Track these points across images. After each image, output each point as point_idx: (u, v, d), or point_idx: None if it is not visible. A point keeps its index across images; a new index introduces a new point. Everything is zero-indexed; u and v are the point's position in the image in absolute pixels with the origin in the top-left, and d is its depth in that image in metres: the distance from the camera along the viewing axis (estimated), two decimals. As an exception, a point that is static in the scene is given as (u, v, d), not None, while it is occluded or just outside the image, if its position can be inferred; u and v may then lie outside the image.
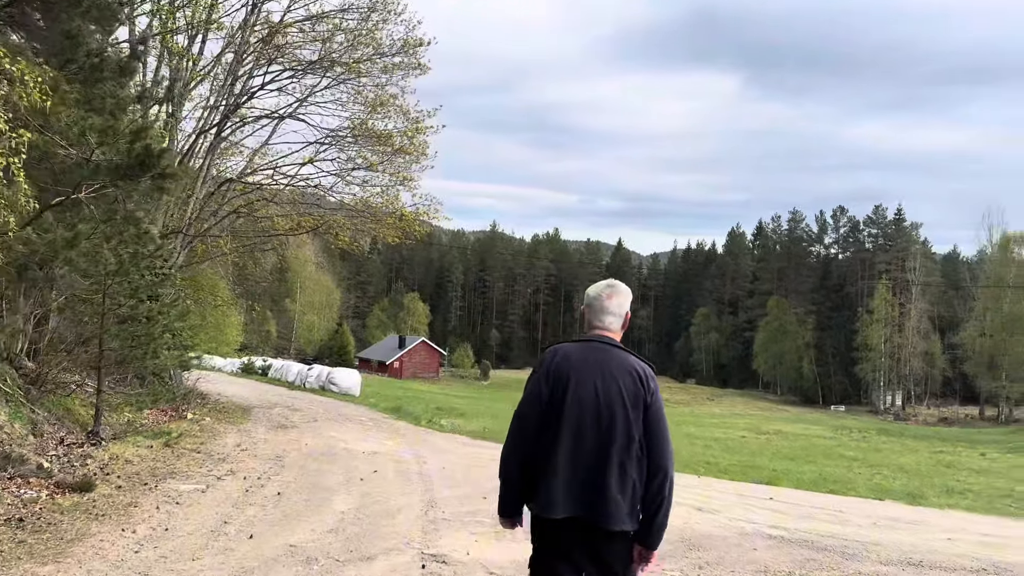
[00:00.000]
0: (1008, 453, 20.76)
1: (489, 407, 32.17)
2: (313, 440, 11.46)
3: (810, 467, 15.89)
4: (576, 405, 2.88)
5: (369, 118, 18.69)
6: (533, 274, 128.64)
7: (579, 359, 2.98)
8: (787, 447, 20.75)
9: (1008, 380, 63.94)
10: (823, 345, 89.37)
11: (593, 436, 2.86)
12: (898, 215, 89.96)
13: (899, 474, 15.63)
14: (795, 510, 8.68)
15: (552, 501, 2.84)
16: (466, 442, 13.36)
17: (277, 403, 20.30)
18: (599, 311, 3.11)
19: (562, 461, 2.85)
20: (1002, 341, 64.81)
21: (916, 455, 20.09)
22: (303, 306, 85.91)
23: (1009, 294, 65.05)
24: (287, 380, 30.84)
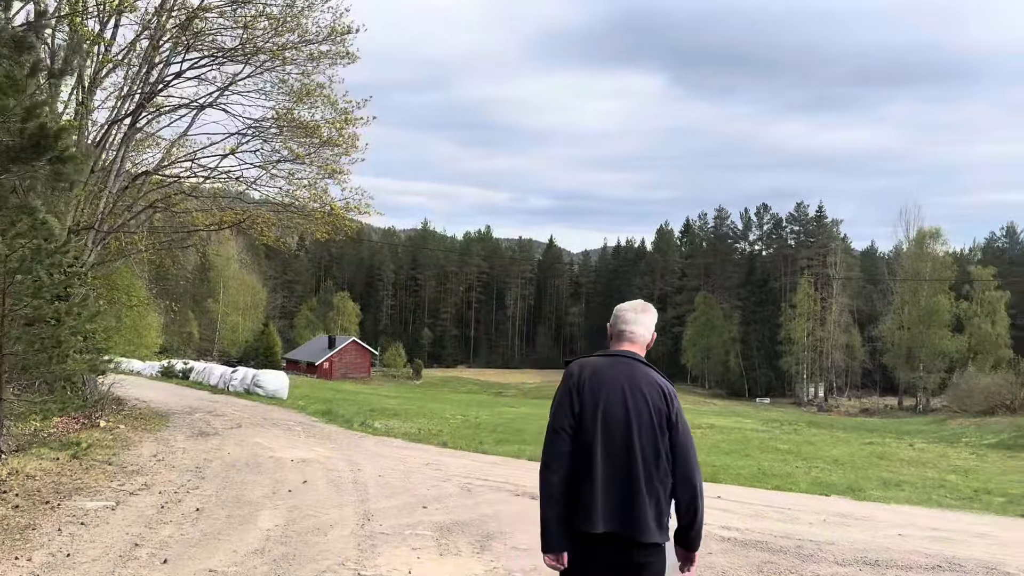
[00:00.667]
0: (934, 443, 21.31)
1: (423, 407, 31.52)
2: (237, 448, 10.72)
3: (748, 461, 15.86)
4: (606, 419, 2.91)
5: (294, 108, 17.89)
6: (465, 272, 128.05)
7: (608, 373, 3.00)
8: (723, 441, 20.80)
9: (925, 371, 66.59)
10: (748, 339, 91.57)
11: (623, 450, 2.89)
12: (819, 212, 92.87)
13: (835, 467, 15.75)
14: (744, 508, 8.46)
15: (592, 516, 2.85)
16: (402, 445, 12.79)
17: (198, 408, 19.31)
18: (626, 325, 3.17)
19: (600, 474, 2.87)
20: (919, 334, 67.45)
21: (848, 447, 20.42)
22: (227, 306, 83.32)
23: (926, 288, 67.73)
24: (210, 383, 29.57)
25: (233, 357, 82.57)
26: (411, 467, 9.76)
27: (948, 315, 67.52)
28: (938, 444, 21.30)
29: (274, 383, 25.68)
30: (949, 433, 23.71)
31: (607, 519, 2.83)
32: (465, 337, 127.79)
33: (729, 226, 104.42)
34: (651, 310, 3.28)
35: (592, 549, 2.88)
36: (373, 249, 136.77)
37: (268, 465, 9.28)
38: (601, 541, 2.85)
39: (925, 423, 30.71)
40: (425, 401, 39.92)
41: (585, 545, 2.88)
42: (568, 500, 2.89)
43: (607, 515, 2.84)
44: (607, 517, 2.84)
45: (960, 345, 66.58)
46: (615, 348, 3.14)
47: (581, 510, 2.86)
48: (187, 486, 7.85)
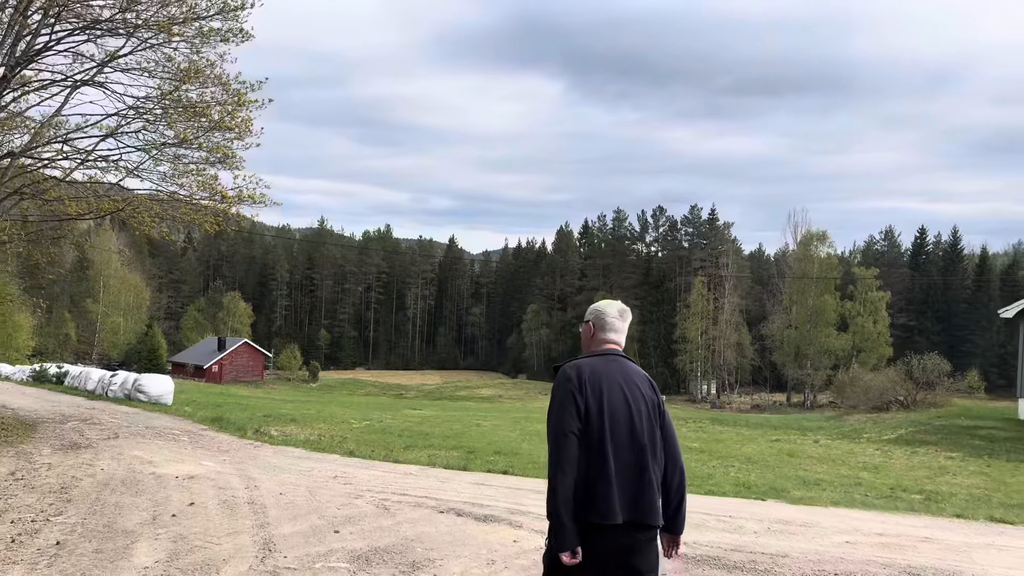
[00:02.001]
0: (837, 439, 21.68)
1: (323, 411, 30.00)
2: (112, 463, 9.36)
3: (664, 462, 15.54)
4: (612, 414, 3.04)
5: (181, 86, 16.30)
6: (364, 272, 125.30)
7: (605, 371, 3.12)
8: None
9: (812, 368, 69.39)
10: (646, 338, 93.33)
11: (629, 441, 3.04)
12: (712, 215, 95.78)
13: (751, 466, 15.59)
14: (684, 518, 7.87)
15: (611, 508, 2.96)
16: (303, 455, 11.63)
17: (72, 416, 17.45)
18: (612, 327, 3.30)
19: (613, 467, 2.99)
20: (807, 332, 70.28)
21: (756, 444, 20.47)
22: (107, 306, 78.36)
23: (813, 288, 70.60)
24: (87, 389, 27.19)
25: (114, 360, 77.65)
26: (317, 481, 8.70)
27: (834, 314, 70.64)
28: (841, 440, 21.67)
29: (157, 388, 23.72)
30: (849, 429, 24.28)
31: (623, 509, 2.97)
32: (364, 338, 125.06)
33: (627, 228, 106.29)
34: (630, 315, 3.39)
35: (602, 538, 2.98)
36: (266, 247, 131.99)
37: (148, 484, 8.03)
38: (613, 530, 2.97)
39: (824, 419, 31.55)
40: (324, 405, 38.22)
41: (596, 535, 2.97)
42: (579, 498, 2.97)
43: (623, 505, 2.97)
44: (623, 507, 2.97)
45: (845, 343, 69.76)
46: (602, 348, 3.26)
47: (598, 505, 2.96)
48: (47, 512, 6.57)
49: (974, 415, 26.00)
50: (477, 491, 8.49)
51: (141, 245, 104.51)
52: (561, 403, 3.02)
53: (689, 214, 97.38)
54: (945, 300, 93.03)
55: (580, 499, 2.95)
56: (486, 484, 9.12)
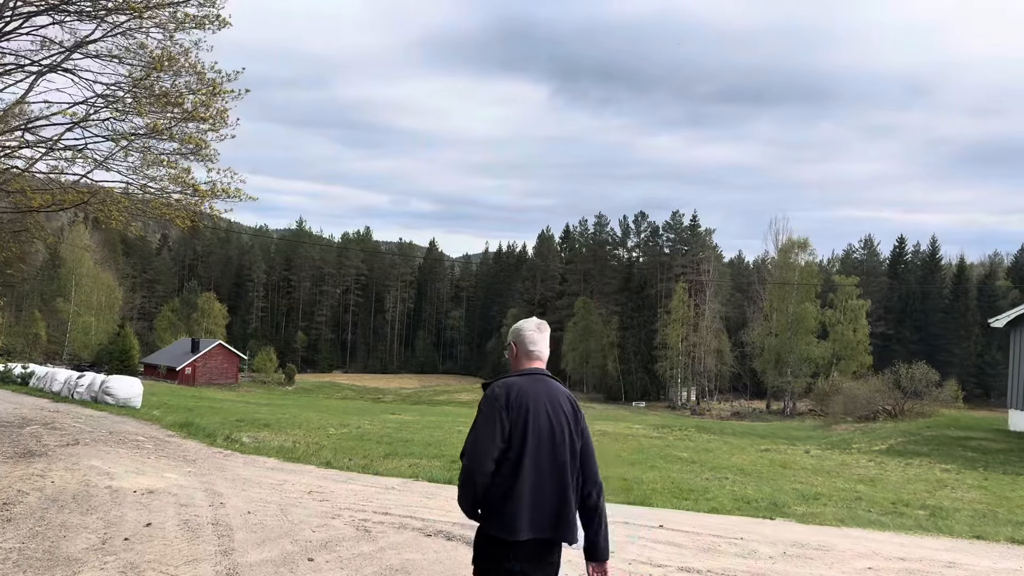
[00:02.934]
0: (828, 450, 21.20)
1: (298, 415, 29.10)
2: (66, 474, 8.54)
3: (656, 474, 14.86)
4: (536, 433, 3.10)
5: (153, 73, 15.44)
6: (343, 274, 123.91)
7: (532, 391, 3.18)
8: (622, 450, 19.87)
9: (792, 375, 69.24)
10: (626, 344, 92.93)
11: (550, 460, 3.12)
12: (693, 221, 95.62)
13: (746, 478, 14.98)
14: (692, 540, 7.21)
15: (517, 525, 3.03)
16: (276, 466, 10.84)
17: (32, 420, 16.49)
18: (533, 342, 3.38)
19: (527, 487, 3.05)
20: (787, 340, 70.15)
21: (746, 454, 19.91)
22: (78, 306, 76.60)
23: (794, 296, 70.54)
24: (52, 390, 26.11)
25: (85, 361, 75.91)
26: (289, 497, 7.94)
27: (814, 322, 70.61)
28: (832, 451, 21.18)
29: (126, 391, 22.71)
30: (838, 439, 23.82)
31: (532, 527, 3.03)
32: (341, 341, 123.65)
33: (608, 233, 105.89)
34: (547, 328, 3.49)
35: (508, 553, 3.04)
36: (243, 247, 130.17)
37: (102, 499, 7.23)
38: (524, 547, 3.04)
39: (811, 429, 31.13)
40: (300, 409, 37.26)
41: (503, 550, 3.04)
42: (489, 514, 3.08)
43: (532, 524, 3.03)
44: (533, 526, 3.03)
45: (825, 351, 69.73)
46: (527, 367, 3.33)
47: (505, 520, 3.03)
48: (-19, 535, 5.78)
49: (963, 425, 25.67)
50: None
51: (115, 244, 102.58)
52: (486, 422, 3.09)
53: (671, 220, 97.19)
54: (923, 309, 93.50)
55: (489, 515, 3.08)
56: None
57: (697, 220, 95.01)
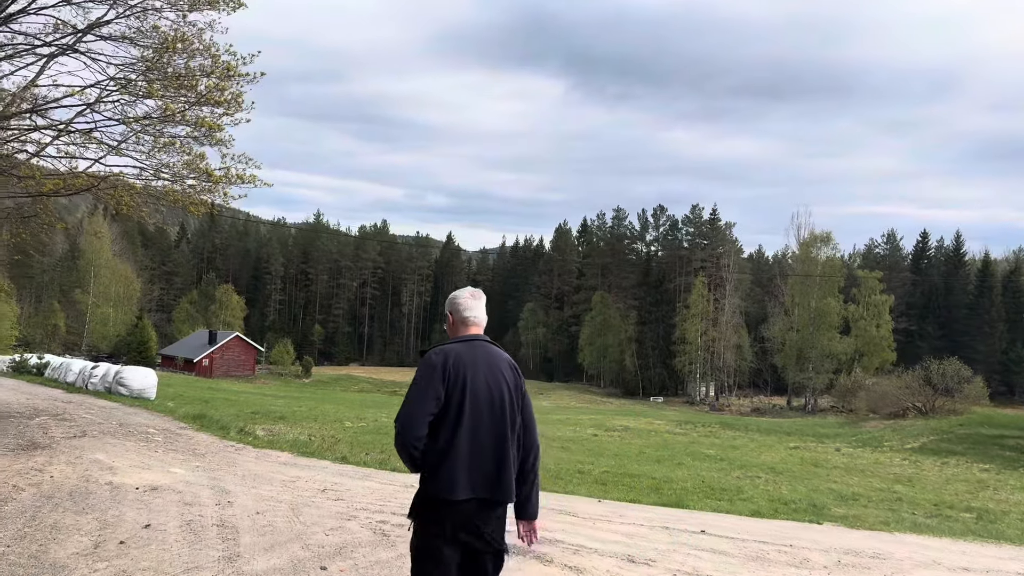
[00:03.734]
0: (858, 447, 20.51)
1: (314, 408, 28.71)
2: (67, 468, 8.06)
3: (685, 472, 14.27)
4: (473, 397, 3.18)
5: (166, 54, 14.96)
6: (360, 267, 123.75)
7: (469, 357, 3.25)
8: (646, 446, 19.29)
9: (814, 371, 68.15)
10: (644, 339, 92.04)
11: (489, 423, 3.20)
12: (713, 215, 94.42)
13: (778, 477, 14.37)
14: (739, 548, 6.61)
15: (455, 484, 3.11)
16: (290, 461, 10.34)
17: (43, 411, 16.14)
18: (468, 309, 3.41)
19: (463, 448, 3.14)
20: (809, 335, 69.04)
21: (775, 452, 19.27)
22: (97, 297, 76.70)
23: (816, 291, 69.42)
24: (67, 381, 25.86)
25: (103, 352, 76.09)
26: (302, 496, 7.42)
27: (837, 317, 69.46)
28: (862, 449, 20.47)
29: (140, 382, 22.36)
30: (868, 437, 23.09)
31: (471, 487, 3.14)
32: (358, 334, 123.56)
33: (627, 227, 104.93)
34: (482, 295, 3.51)
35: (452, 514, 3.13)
36: (261, 240, 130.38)
37: (101, 497, 6.73)
38: (463, 507, 3.13)
39: (838, 425, 30.35)
40: (316, 402, 36.92)
41: (446, 511, 3.13)
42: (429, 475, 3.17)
43: (472, 484, 3.14)
44: (472, 486, 3.14)
45: (847, 347, 68.60)
46: (464, 333, 3.39)
47: (443, 481, 3.12)
48: (-34, 536, 5.29)
49: (997, 423, 24.83)
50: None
51: (133, 236, 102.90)
52: (422, 388, 3.16)
53: (690, 214, 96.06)
54: (947, 305, 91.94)
55: (430, 476, 3.15)
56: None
57: (717, 214, 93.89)
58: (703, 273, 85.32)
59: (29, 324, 71.35)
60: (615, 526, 6.92)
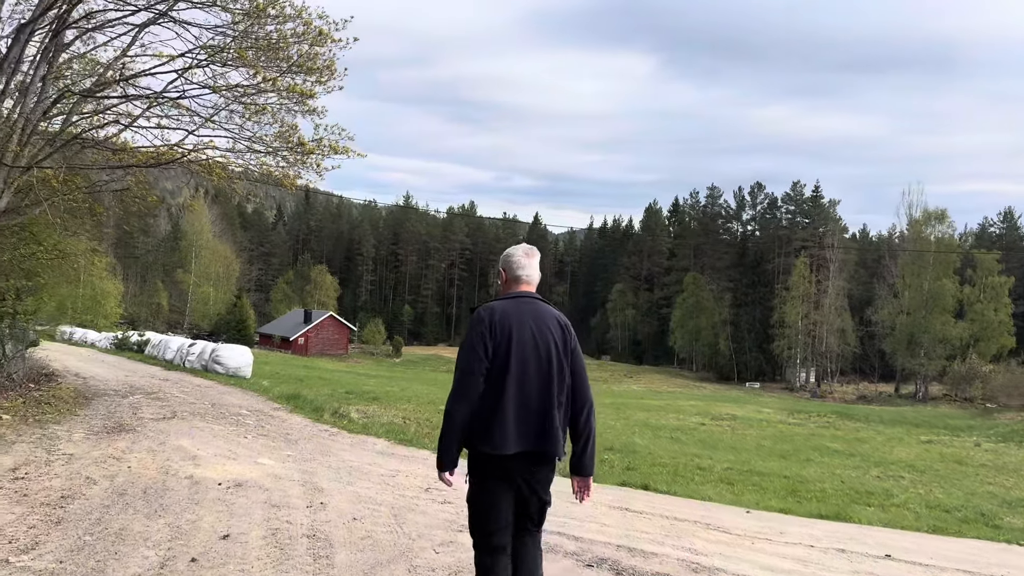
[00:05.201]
0: (1000, 442, 18.44)
1: (407, 388, 28.21)
2: (147, 457, 7.34)
3: (815, 469, 12.77)
4: (520, 353, 3.24)
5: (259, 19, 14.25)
6: (448, 248, 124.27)
7: (515, 313, 3.32)
8: (762, 438, 17.77)
9: (926, 357, 64.07)
10: (739, 322, 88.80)
11: (536, 379, 3.25)
12: (815, 193, 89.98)
13: (921, 476, 12.71)
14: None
15: (506, 440, 3.17)
16: (385, 449, 9.44)
17: (139, 388, 15.92)
18: (520, 267, 3.49)
19: (512, 403, 3.20)
20: (922, 319, 64.87)
21: (907, 447, 17.43)
22: (198, 277, 79.21)
23: (929, 272, 65.10)
24: (165, 358, 26.10)
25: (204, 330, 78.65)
26: (404, 496, 6.42)
27: (952, 300, 65.03)
28: (1005, 444, 18.35)
29: (236, 360, 22.20)
30: (1007, 430, 20.82)
31: (519, 441, 3.18)
32: (446, 315, 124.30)
33: (721, 206, 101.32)
34: (537, 253, 3.59)
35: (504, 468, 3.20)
36: (353, 222, 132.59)
37: (178, 494, 5.90)
38: (514, 461, 3.19)
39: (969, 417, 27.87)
40: (407, 382, 36.56)
41: (499, 465, 3.20)
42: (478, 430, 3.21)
43: (519, 438, 3.18)
44: (519, 439, 3.18)
45: (962, 332, 64.15)
46: (515, 290, 3.47)
47: (494, 436, 3.17)
48: (18, 543, 4.49)
49: None
50: (624, 522, 6.06)
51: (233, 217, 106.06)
52: (472, 343, 3.25)
53: (791, 191, 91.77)
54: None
55: (478, 431, 3.21)
56: (630, 508, 6.66)
57: (820, 191, 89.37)
58: (805, 253, 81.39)
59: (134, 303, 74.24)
60: (779, 547, 5.64)
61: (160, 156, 13.98)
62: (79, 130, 14.70)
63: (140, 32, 14.66)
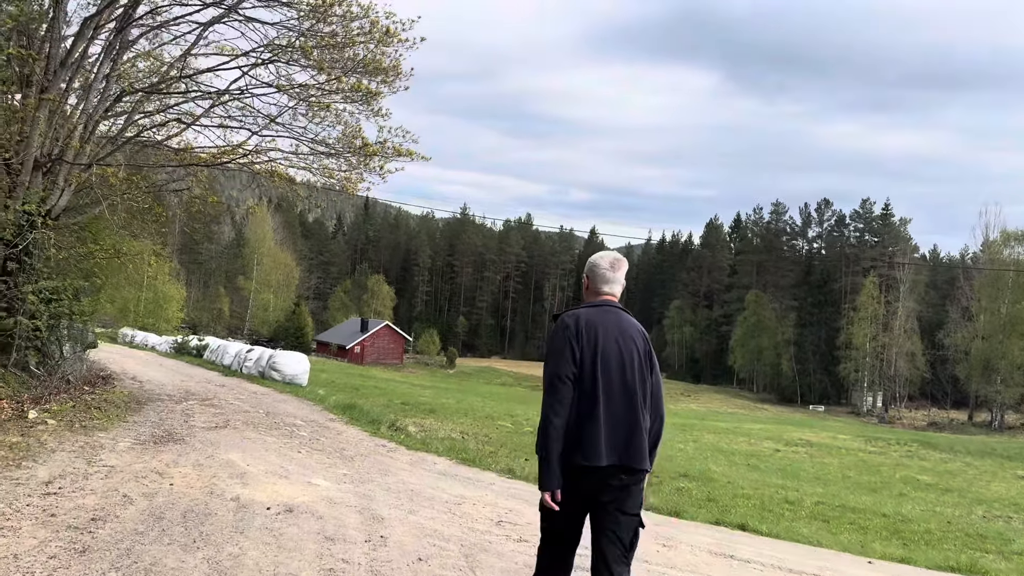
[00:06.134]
0: (1115, 481, 16.73)
1: (462, 401, 27.52)
2: (191, 474, 6.70)
3: (913, 506, 11.57)
4: (605, 360, 3.15)
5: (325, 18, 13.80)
6: (504, 260, 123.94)
7: (600, 321, 3.25)
8: (845, 468, 16.53)
9: (1003, 384, 60.86)
10: (803, 342, 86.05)
11: (621, 389, 3.16)
12: (885, 210, 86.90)
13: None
14: None
15: (597, 450, 3.05)
16: (447, 469, 8.68)
17: (194, 394, 15.55)
18: (607, 279, 3.42)
19: (601, 412, 3.10)
20: (999, 344, 61.69)
21: (1003, 482, 16.00)
22: (259, 283, 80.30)
23: (1008, 295, 61.94)
24: (223, 363, 25.94)
25: (263, 336, 79.59)
26: (474, 530, 5.62)
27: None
28: (1120, 484, 16.68)
29: (292, 367, 21.81)
30: (1117, 468, 19.09)
31: (610, 453, 3.06)
32: (500, 327, 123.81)
33: (786, 222, 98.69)
34: (624, 264, 3.47)
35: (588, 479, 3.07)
36: (410, 233, 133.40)
37: (222, 520, 5.20)
38: (599, 471, 3.05)
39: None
40: (463, 394, 35.93)
41: (582, 476, 3.06)
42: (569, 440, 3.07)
43: (610, 449, 3.07)
44: (610, 451, 3.07)
45: (1045, 358, 60.81)
46: (598, 299, 3.39)
47: (585, 447, 3.06)
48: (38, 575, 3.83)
49: None
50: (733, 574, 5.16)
51: (294, 226, 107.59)
52: (559, 349, 3.17)
53: (859, 209, 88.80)
54: None
55: (569, 441, 3.07)
56: (736, 556, 5.72)
57: (890, 209, 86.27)
58: (874, 273, 78.48)
59: (197, 308, 75.55)
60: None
61: (222, 156, 13.60)
62: (140, 128, 14.47)
63: (205, 30, 14.33)
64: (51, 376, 12.83)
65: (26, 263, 12.26)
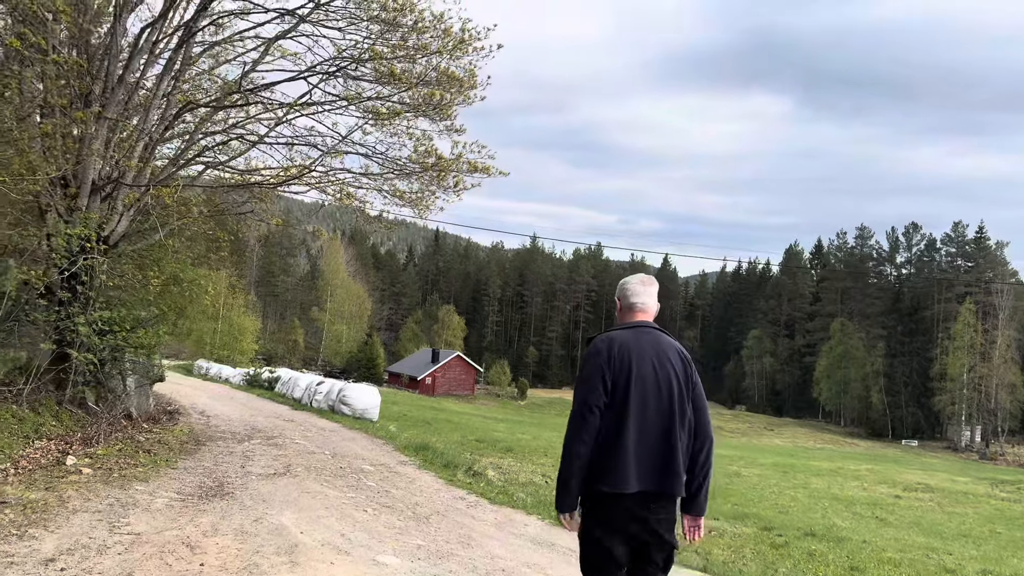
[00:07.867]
0: None
1: (538, 436, 25.99)
2: (233, 545, 5.40)
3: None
4: (640, 385, 3.07)
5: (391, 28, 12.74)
6: (573, 290, 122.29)
7: (635, 344, 3.15)
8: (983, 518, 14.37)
9: (1124, 420, 55.87)
10: (894, 373, 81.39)
11: (656, 413, 3.08)
12: (979, 234, 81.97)
13: None
14: None
15: (626, 477, 3.00)
16: (539, 535, 7.18)
17: (260, 431, 14.49)
18: (636, 297, 3.34)
19: (632, 440, 3.04)
20: (1119, 376, 56.79)
21: None
22: (332, 315, 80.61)
23: None
24: (294, 396, 25.04)
25: (336, 367, 79.73)
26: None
27: None
28: None
29: (363, 401, 20.66)
30: None
31: (640, 479, 3.01)
32: (571, 357, 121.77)
33: (872, 247, 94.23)
34: (655, 282, 3.41)
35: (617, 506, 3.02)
36: (480, 264, 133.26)
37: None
38: (633, 500, 3.01)
39: None
40: (537, 428, 34.37)
41: (611, 503, 3.02)
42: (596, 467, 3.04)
43: (640, 476, 3.01)
44: (640, 477, 3.01)
45: None
46: (632, 320, 3.31)
47: (613, 474, 3.00)
48: None
49: None
50: None
51: (366, 258, 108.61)
52: (590, 375, 3.10)
53: (951, 232, 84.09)
54: None
55: (597, 468, 3.03)
56: None
57: (985, 232, 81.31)
58: (970, 299, 73.83)
59: (272, 339, 76.21)
60: None
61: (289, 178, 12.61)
62: (202, 148, 13.65)
63: (270, 46, 13.49)
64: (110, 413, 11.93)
65: (79, 292, 11.43)
